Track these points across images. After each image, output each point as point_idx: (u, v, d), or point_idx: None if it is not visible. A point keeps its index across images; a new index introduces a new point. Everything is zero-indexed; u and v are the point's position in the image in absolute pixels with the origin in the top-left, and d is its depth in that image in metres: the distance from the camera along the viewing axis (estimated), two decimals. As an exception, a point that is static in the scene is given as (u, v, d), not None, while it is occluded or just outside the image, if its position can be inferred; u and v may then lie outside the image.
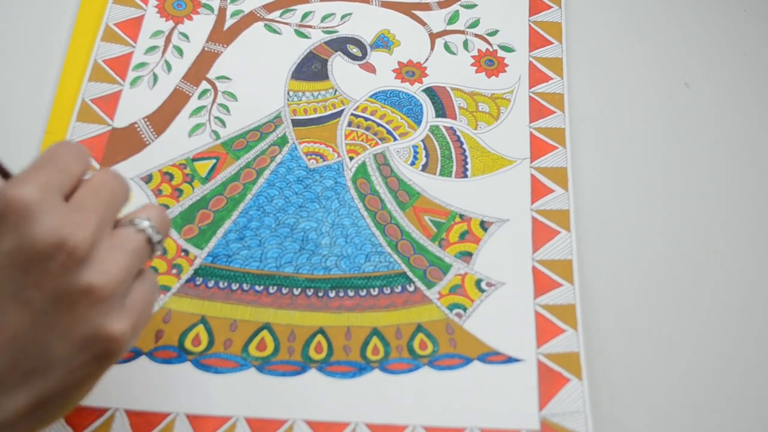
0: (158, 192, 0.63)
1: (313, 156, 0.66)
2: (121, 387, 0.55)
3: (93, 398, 0.51)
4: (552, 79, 0.71)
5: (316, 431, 0.53)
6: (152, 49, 0.70)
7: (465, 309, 0.59)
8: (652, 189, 0.68)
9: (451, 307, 0.59)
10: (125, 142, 0.65)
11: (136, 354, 0.56)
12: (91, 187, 0.44)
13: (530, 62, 0.72)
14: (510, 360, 0.57)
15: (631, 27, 0.78)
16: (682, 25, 0.78)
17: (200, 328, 0.57)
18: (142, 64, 0.69)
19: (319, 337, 0.57)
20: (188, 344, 0.57)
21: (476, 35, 0.74)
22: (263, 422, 0.54)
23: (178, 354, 0.56)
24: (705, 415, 0.59)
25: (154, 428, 0.53)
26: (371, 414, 0.54)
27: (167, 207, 0.62)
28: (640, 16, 0.78)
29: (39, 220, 0.40)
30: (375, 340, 0.57)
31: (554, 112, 0.69)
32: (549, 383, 0.56)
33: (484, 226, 0.63)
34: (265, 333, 0.57)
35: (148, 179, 0.63)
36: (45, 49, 0.69)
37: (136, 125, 0.66)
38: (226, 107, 0.68)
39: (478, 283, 0.60)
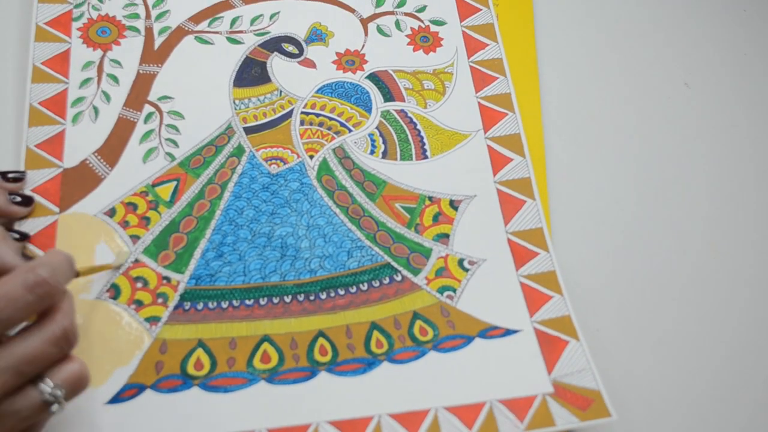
0: (125, 224, 0.62)
1: (274, 161, 0.66)
2: (132, 425, 0.54)
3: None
4: (488, 45, 0.73)
5: (342, 430, 0.54)
6: (86, 81, 0.68)
7: (454, 290, 0.60)
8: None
9: (441, 290, 0.60)
10: (80, 181, 0.64)
11: (139, 389, 0.55)
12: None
13: (463, 32, 0.73)
14: (509, 332, 0.59)
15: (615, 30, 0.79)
16: (682, 25, 0.79)
17: (200, 352, 0.57)
18: (79, 99, 0.67)
19: (321, 340, 0.58)
20: (191, 369, 0.56)
21: (406, 14, 0.74)
22: (288, 430, 0.54)
23: (183, 381, 0.56)
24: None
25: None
26: (391, 405, 0.55)
27: (138, 237, 0.61)
28: (631, 16, 0.80)
29: None
30: (376, 333, 0.58)
31: (497, 78, 0.71)
32: (550, 348, 0.58)
33: (453, 204, 0.64)
34: (266, 345, 0.58)
35: (111, 213, 0.62)
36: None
37: (88, 161, 0.64)
38: (174, 127, 0.67)
39: (460, 262, 0.62)
